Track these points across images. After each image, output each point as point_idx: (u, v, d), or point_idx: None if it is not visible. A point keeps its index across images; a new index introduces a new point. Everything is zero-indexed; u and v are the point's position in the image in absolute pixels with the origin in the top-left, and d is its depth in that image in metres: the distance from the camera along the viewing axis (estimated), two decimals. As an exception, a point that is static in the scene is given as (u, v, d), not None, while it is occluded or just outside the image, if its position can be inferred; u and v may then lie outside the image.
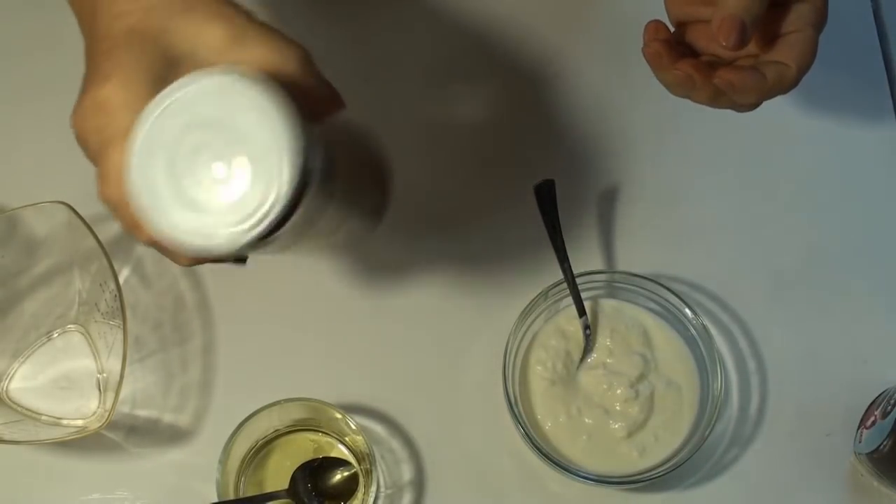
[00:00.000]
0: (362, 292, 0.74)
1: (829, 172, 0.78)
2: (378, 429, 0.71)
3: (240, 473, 0.68)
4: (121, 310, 0.65)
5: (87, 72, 0.47)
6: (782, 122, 0.77)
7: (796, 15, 0.57)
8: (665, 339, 0.71)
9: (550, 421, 0.69)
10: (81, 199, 0.66)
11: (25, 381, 0.71)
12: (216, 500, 0.65)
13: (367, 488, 0.65)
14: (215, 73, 0.43)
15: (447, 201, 0.77)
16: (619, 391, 0.69)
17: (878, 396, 0.70)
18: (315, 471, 0.67)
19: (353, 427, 0.65)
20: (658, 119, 0.77)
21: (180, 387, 0.72)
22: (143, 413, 0.71)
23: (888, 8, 0.82)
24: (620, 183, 0.77)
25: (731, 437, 0.71)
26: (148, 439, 0.71)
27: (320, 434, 0.69)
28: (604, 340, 0.71)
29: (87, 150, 0.47)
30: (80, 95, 0.47)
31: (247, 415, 0.65)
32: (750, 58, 0.59)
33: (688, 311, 0.69)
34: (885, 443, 0.65)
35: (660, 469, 0.67)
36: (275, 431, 0.69)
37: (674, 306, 0.70)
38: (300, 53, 0.47)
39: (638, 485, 0.67)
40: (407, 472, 0.70)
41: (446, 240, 0.76)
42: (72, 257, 0.70)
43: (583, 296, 0.70)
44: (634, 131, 0.79)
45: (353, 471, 0.67)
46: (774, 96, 0.57)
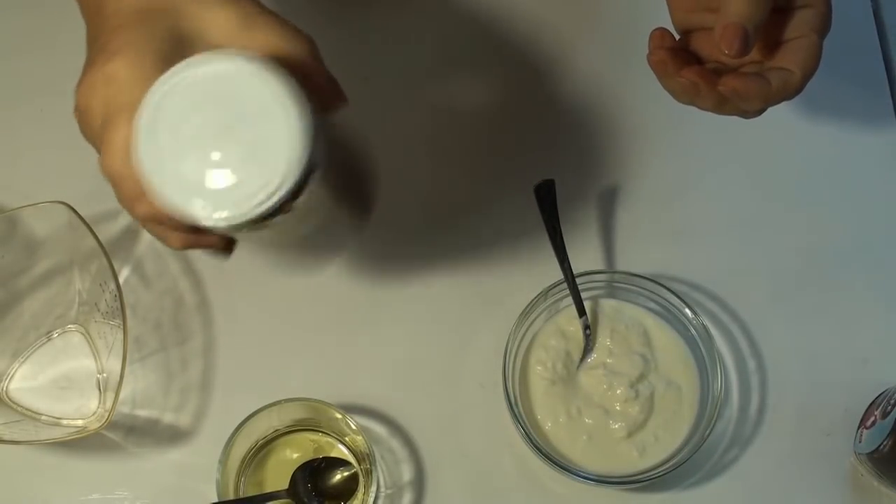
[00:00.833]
0: (362, 293, 0.74)
1: (829, 172, 0.78)
2: (378, 429, 0.71)
3: (240, 473, 0.68)
4: (121, 310, 0.65)
5: (93, 50, 0.48)
6: (782, 122, 0.77)
7: (800, 20, 0.57)
8: (665, 339, 0.71)
9: (550, 421, 0.69)
10: (81, 199, 0.66)
11: (25, 381, 0.71)
12: (216, 500, 0.65)
13: (367, 488, 0.65)
14: (227, 55, 0.43)
15: (447, 201, 0.77)
16: (619, 391, 0.69)
17: (878, 396, 0.70)
18: (315, 471, 0.67)
19: (353, 427, 0.65)
20: (659, 119, 0.77)
21: (180, 387, 0.71)
22: (143, 413, 0.71)
23: (888, 8, 0.82)
24: (620, 183, 0.77)
25: (731, 437, 0.71)
26: (148, 439, 0.71)
27: (320, 434, 0.69)
28: (604, 340, 0.71)
29: (91, 124, 0.47)
30: (85, 70, 0.47)
31: (247, 415, 0.65)
32: (754, 64, 0.59)
33: (688, 311, 0.69)
34: (885, 443, 0.65)
35: (660, 469, 0.67)
36: (275, 431, 0.69)
37: (674, 306, 0.70)
38: (308, 44, 0.47)
39: (638, 485, 0.67)
40: (407, 472, 0.70)
41: (446, 240, 0.76)
42: (72, 257, 0.70)
43: (583, 296, 0.70)
44: (635, 131, 0.79)
45: (353, 471, 0.67)
46: (779, 102, 0.57)
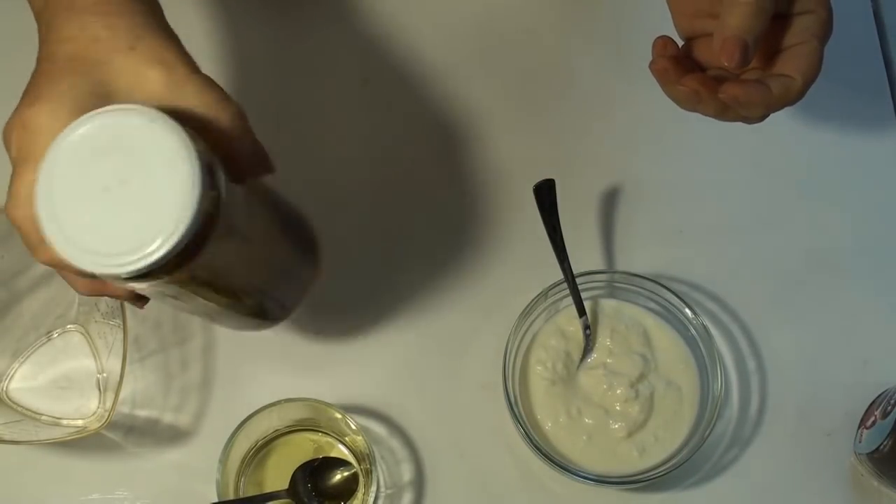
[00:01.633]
0: (361, 292, 0.74)
1: (829, 173, 0.78)
2: (378, 429, 0.71)
3: (240, 473, 0.68)
4: (121, 310, 0.65)
5: (27, 87, 0.48)
6: (782, 122, 0.77)
7: (801, 27, 0.57)
8: (665, 339, 0.71)
9: (550, 421, 0.69)
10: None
11: (25, 381, 0.71)
12: (216, 500, 0.65)
13: (367, 488, 0.65)
14: (129, 109, 0.43)
15: (447, 201, 0.77)
16: (619, 391, 0.69)
17: (878, 396, 0.70)
18: (315, 471, 0.67)
19: (353, 427, 0.65)
20: (659, 119, 0.77)
21: (180, 387, 0.71)
22: (143, 413, 0.71)
23: (888, 8, 0.82)
24: (620, 183, 0.77)
25: (731, 437, 0.71)
26: (148, 439, 0.71)
27: (320, 434, 0.69)
28: (604, 340, 0.71)
29: (10, 158, 0.47)
30: (15, 108, 0.47)
31: (247, 415, 0.65)
32: (756, 70, 0.59)
33: (688, 311, 0.69)
34: (885, 443, 0.65)
35: (660, 469, 0.67)
36: (275, 431, 0.69)
37: (674, 306, 0.70)
38: (234, 111, 0.47)
39: (638, 485, 0.67)
40: (407, 472, 0.70)
41: (446, 239, 0.76)
42: (72, 257, 0.70)
43: (583, 296, 0.70)
44: (635, 131, 0.79)
45: (353, 471, 0.67)
46: (781, 108, 0.57)
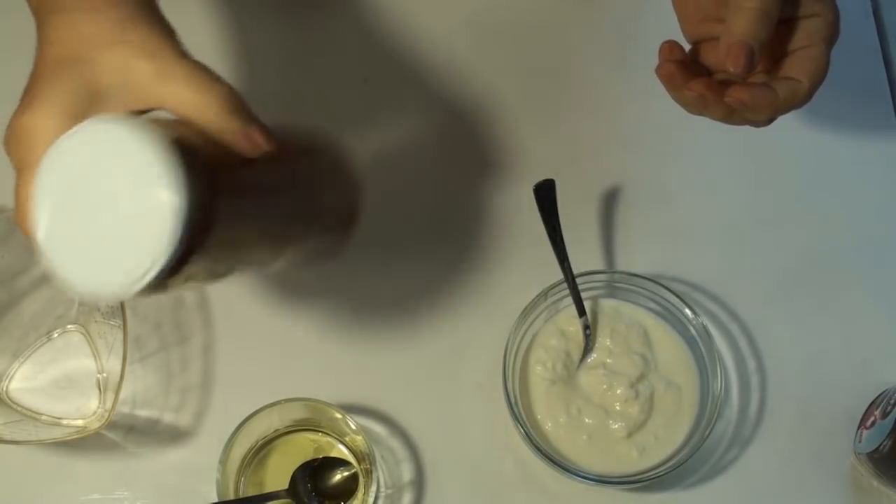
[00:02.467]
0: (362, 292, 0.74)
1: (829, 173, 0.78)
2: (378, 429, 0.71)
3: (240, 473, 0.68)
4: (121, 309, 0.65)
5: (24, 91, 0.48)
6: (781, 122, 0.76)
7: (807, 30, 0.57)
8: (665, 339, 0.71)
9: (550, 421, 0.69)
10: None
11: (25, 381, 0.71)
12: (216, 500, 0.65)
13: (367, 488, 0.65)
14: (110, 124, 0.43)
15: (447, 201, 0.77)
16: (619, 391, 0.69)
17: (878, 396, 0.70)
18: (315, 471, 0.67)
19: (353, 427, 0.65)
20: (659, 119, 0.77)
21: (180, 387, 0.71)
22: (143, 413, 0.71)
23: (888, 8, 0.82)
24: (620, 183, 0.77)
25: (731, 437, 0.71)
26: (148, 439, 0.71)
27: (320, 434, 0.69)
28: (604, 340, 0.71)
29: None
30: (13, 114, 0.47)
31: (247, 415, 0.65)
32: (763, 74, 0.59)
33: (688, 311, 0.69)
34: (885, 443, 0.65)
35: (660, 469, 0.67)
36: (275, 431, 0.69)
37: (674, 306, 0.70)
38: (224, 93, 0.47)
39: (638, 485, 0.67)
40: (407, 472, 0.70)
41: (446, 239, 0.76)
42: (72, 257, 0.70)
43: (583, 296, 0.70)
44: (635, 131, 0.79)
45: (353, 471, 0.67)
46: (787, 112, 0.57)
